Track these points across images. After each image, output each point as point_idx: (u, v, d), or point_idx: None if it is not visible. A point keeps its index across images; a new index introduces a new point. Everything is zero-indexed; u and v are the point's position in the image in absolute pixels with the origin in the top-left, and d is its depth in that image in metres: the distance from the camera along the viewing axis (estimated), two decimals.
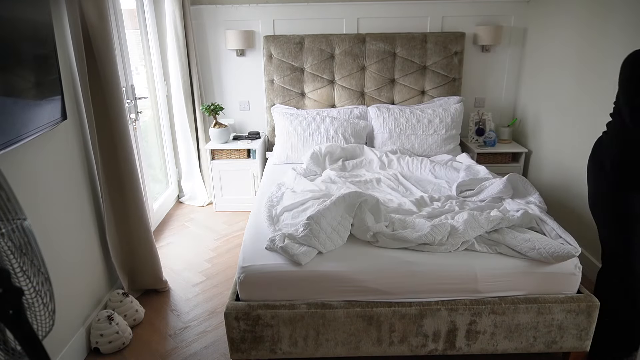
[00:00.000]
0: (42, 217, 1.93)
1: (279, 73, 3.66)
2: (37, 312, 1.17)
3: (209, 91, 3.93)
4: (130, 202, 2.47)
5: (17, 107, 1.63)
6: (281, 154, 3.44)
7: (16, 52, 1.63)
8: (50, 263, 1.96)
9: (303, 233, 1.98)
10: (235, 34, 3.60)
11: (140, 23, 3.48)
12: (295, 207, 2.36)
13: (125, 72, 2.94)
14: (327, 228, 2.03)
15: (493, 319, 1.93)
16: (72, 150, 2.21)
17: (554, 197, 3.19)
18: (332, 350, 1.99)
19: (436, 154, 3.40)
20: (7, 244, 1.09)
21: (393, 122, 3.44)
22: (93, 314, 2.33)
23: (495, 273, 1.94)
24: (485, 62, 3.82)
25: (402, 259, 1.96)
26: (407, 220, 2.17)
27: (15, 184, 1.74)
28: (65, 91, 2.06)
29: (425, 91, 3.70)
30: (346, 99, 3.71)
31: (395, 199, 2.54)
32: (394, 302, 1.94)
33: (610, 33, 2.59)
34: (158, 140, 3.87)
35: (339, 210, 2.10)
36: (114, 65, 2.28)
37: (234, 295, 2.02)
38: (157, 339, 2.35)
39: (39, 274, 1.17)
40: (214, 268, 3.00)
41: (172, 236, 3.46)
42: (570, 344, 1.99)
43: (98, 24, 2.17)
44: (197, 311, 2.56)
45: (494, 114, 3.90)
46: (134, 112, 3.04)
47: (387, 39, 3.57)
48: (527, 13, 3.64)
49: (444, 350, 2.01)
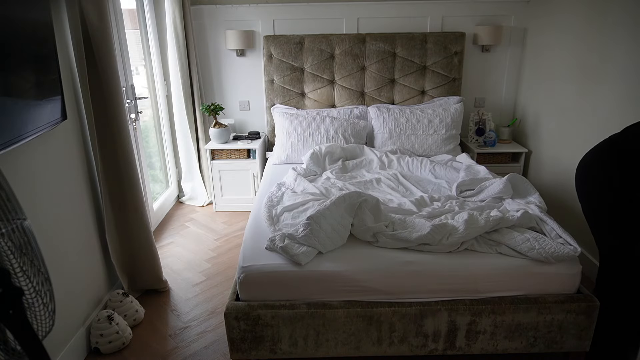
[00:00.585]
0: (42, 217, 1.93)
1: (279, 73, 3.66)
2: (37, 312, 1.18)
3: (209, 91, 3.93)
4: (130, 202, 2.47)
5: (17, 107, 1.63)
6: (281, 154, 3.44)
7: (16, 52, 1.63)
8: (50, 263, 1.95)
9: (303, 233, 1.98)
10: (235, 34, 3.60)
11: (140, 23, 3.48)
12: (295, 207, 2.36)
13: (125, 72, 2.94)
14: (327, 228, 2.03)
15: (493, 319, 1.93)
16: (72, 150, 2.21)
17: (554, 197, 3.19)
18: (332, 350, 1.99)
19: (436, 154, 3.40)
20: (7, 244, 1.09)
21: (393, 122, 3.44)
22: (93, 314, 2.33)
23: (495, 273, 1.94)
24: (485, 62, 3.82)
25: (402, 259, 1.96)
26: (407, 220, 2.17)
27: (15, 183, 1.74)
28: (65, 91, 2.06)
29: (425, 91, 3.70)
30: (346, 99, 3.71)
31: (395, 199, 2.54)
32: (394, 302, 1.94)
33: (610, 33, 2.59)
34: (158, 140, 3.88)
35: (339, 210, 2.10)
36: (114, 65, 2.28)
37: (234, 295, 2.02)
38: (157, 339, 2.35)
39: (39, 274, 1.17)
40: (214, 268, 3.00)
41: (172, 236, 3.46)
42: (570, 344, 1.99)
43: (98, 24, 2.17)
44: (197, 311, 2.56)
45: (494, 114, 3.90)
46: (134, 112, 3.04)
47: (387, 39, 3.57)
48: (527, 13, 3.64)
49: (444, 350, 2.00)
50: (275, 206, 2.46)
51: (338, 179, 2.85)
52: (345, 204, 2.12)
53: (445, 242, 1.99)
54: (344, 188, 2.63)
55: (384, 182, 2.80)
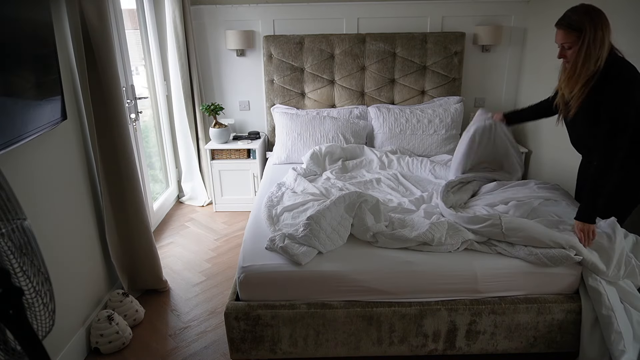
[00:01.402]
0: (42, 217, 1.93)
1: (279, 73, 3.66)
2: (37, 312, 1.18)
3: (209, 91, 3.93)
4: (130, 202, 2.47)
5: (17, 107, 1.63)
6: (281, 154, 3.44)
7: (16, 52, 1.63)
8: (50, 263, 1.95)
9: (303, 233, 1.98)
10: (235, 34, 3.60)
11: (140, 23, 3.48)
12: (295, 207, 2.36)
13: (125, 72, 2.94)
14: (327, 228, 2.03)
15: (493, 319, 1.93)
16: (72, 150, 2.21)
17: None
18: (332, 350, 1.99)
19: (436, 154, 3.40)
20: (7, 244, 1.09)
21: (393, 122, 3.44)
22: (93, 314, 2.33)
23: (495, 273, 1.94)
24: (485, 62, 3.82)
25: (402, 259, 1.96)
26: (406, 220, 2.17)
27: (15, 184, 1.74)
28: (65, 91, 2.06)
29: (425, 91, 3.70)
30: (346, 99, 3.71)
31: (395, 198, 2.54)
32: (394, 302, 1.94)
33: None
34: (158, 140, 3.88)
35: (339, 210, 2.10)
36: (114, 65, 2.28)
37: (234, 295, 2.01)
38: (157, 339, 2.35)
39: (39, 274, 1.17)
40: (214, 268, 3.00)
41: (172, 236, 3.46)
42: (570, 344, 1.99)
43: (98, 24, 2.17)
44: (197, 311, 2.56)
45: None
46: (134, 112, 3.04)
47: (387, 39, 3.57)
48: (527, 13, 3.64)
49: (444, 350, 2.00)
50: (275, 206, 2.46)
51: (338, 179, 2.85)
52: (345, 204, 2.12)
53: (444, 241, 1.99)
54: (344, 188, 2.63)
55: (384, 182, 2.80)
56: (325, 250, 1.98)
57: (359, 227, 2.09)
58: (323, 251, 1.98)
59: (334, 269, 1.93)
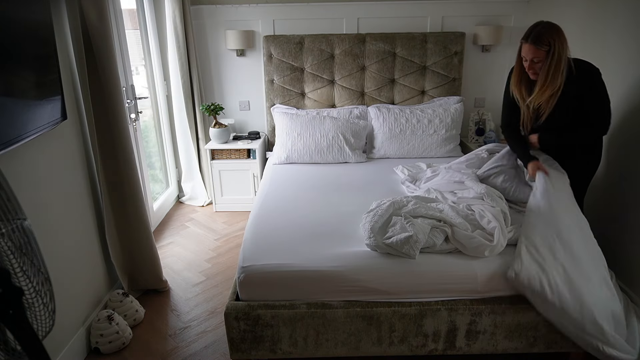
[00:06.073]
0: (42, 217, 1.93)
1: (279, 73, 3.66)
2: (37, 312, 1.18)
3: (209, 91, 3.93)
4: (130, 202, 2.47)
5: (17, 107, 1.63)
6: (281, 154, 3.44)
7: (16, 52, 1.63)
8: (50, 263, 1.94)
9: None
10: (235, 34, 3.60)
11: (140, 23, 3.48)
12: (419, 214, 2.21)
13: (125, 72, 2.94)
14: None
15: (493, 319, 1.93)
16: (72, 150, 2.21)
17: None
18: (332, 350, 1.99)
19: (436, 154, 3.40)
20: (7, 244, 1.09)
21: (393, 122, 3.44)
22: (93, 314, 2.33)
23: (495, 273, 1.94)
24: (485, 62, 3.82)
25: (402, 259, 1.96)
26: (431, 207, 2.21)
27: (15, 184, 1.74)
28: (65, 91, 2.06)
29: (425, 91, 3.70)
30: (346, 99, 3.71)
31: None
32: (394, 302, 1.94)
33: (609, 33, 2.59)
34: (158, 140, 3.88)
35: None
36: (114, 65, 2.28)
37: (234, 295, 2.02)
38: (157, 339, 2.35)
39: (39, 274, 1.17)
40: (214, 268, 3.00)
41: (172, 236, 3.46)
42: (570, 344, 1.98)
43: (98, 24, 2.17)
44: (197, 311, 2.56)
45: (493, 114, 3.89)
46: (134, 112, 3.04)
47: (387, 39, 3.57)
48: (527, 13, 3.64)
49: (444, 350, 2.01)
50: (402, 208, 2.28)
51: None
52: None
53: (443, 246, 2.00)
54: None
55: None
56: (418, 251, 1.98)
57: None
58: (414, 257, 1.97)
59: (334, 269, 1.93)
